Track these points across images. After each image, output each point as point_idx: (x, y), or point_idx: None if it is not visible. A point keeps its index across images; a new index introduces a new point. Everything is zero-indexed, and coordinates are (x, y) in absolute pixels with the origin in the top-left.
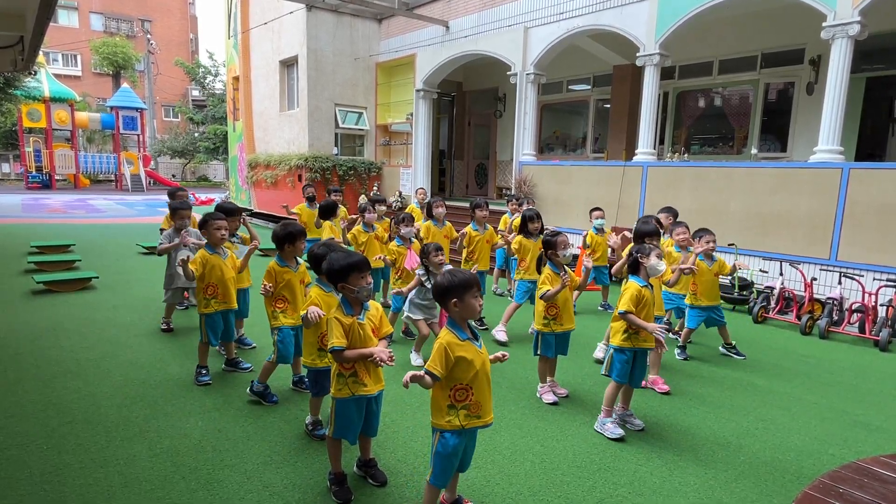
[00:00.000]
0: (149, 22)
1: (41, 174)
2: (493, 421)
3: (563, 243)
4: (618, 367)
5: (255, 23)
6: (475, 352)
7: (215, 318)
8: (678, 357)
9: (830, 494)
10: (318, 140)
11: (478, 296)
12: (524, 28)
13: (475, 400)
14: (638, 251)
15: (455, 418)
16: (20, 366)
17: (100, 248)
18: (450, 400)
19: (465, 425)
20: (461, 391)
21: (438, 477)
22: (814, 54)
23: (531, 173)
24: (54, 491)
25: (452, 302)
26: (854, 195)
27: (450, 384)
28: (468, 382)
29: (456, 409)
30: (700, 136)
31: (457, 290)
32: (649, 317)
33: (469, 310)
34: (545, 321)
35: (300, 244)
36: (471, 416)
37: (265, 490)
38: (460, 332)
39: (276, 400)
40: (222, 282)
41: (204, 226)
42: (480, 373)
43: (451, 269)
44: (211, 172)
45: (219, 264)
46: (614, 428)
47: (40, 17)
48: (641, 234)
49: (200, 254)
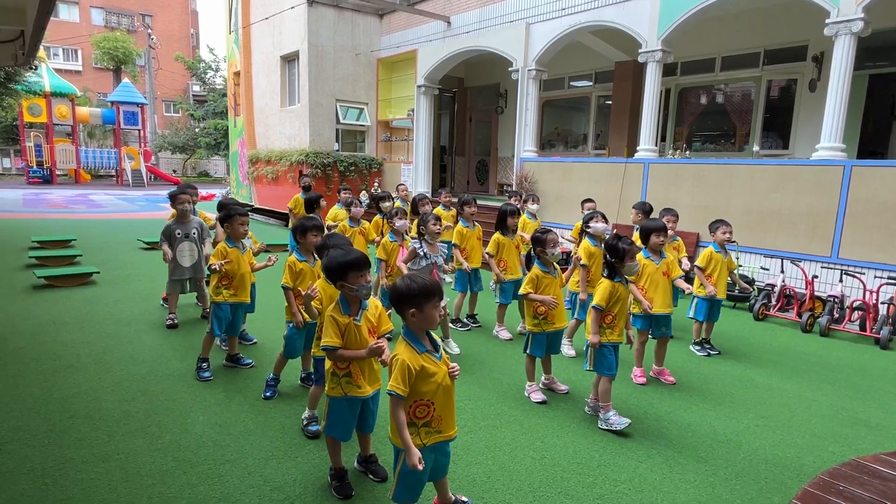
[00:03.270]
0: (149, 17)
1: (42, 169)
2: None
3: (553, 241)
4: (602, 363)
5: (256, 18)
6: (435, 364)
7: (224, 307)
8: (698, 353)
9: (830, 492)
10: (318, 136)
11: (438, 305)
12: (526, 24)
13: (437, 415)
14: (612, 257)
15: (416, 437)
16: (21, 360)
17: (101, 243)
18: (409, 417)
19: (427, 443)
20: (422, 407)
21: (403, 494)
22: (816, 51)
23: (532, 170)
24: (56, 485)
25: (410, 311)
26: (856, 193)
27: (409, 400)
28: (430, 398)
29: (416, 427)
30: (702, 133)
31: (415, 298)
32: (622, 311)
33: (428, 321)
34: (535, 321)
35: (311, 237)
36: (431, 431)
37: (266, 485)
38: (418, 343)
39: (269, 395)
40: (238, 275)
41: (228, 220)
42: (441, 386)
43: (410, 273)
44: (212, 168)
45: (237, 258)
46: (618, 419)
47: (41, 12)
48: (648, 231)
49: (221, 245)
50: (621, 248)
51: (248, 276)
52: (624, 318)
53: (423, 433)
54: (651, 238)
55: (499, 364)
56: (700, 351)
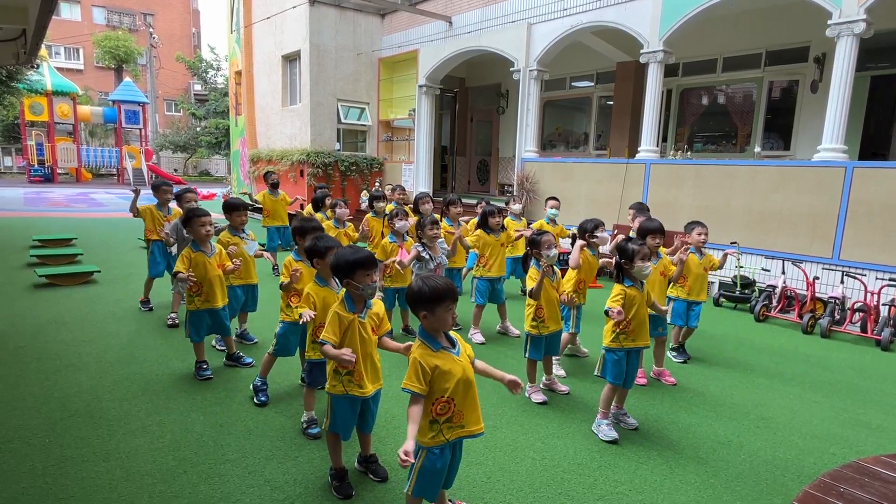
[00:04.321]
0: (151, 16)
1: (43, 168)
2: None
3: (548, 243)
4: (611, 368)
5: (258, 17)
6: (452, 360)
7: (199, 314)
8: (675, 360)
9: (831, 494)
10: (319, 135)
11: (451, 308)
12: (527, 24)
13: (457, 410)
14: (622, 258)
15: (439, 434)
16: (22, 359)
17: (102, 242)
18: (431, 415)
19: (449, 438)
20: (443, 404)
21: (423, 489)
22: (818, 52)
23: (533, 170)
24: (56, 484)
25: (422, 314)
26: (857, 194)
27: (430, 398)
28: (450, 395)
29: (439, 424)
30: (703, 133)
31: (427, 302)
32: (638, 315)
33: (440, 322)
34: (534, 324)
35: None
36: (454, 426)
37: (266, 485)
38: (433, 342)
39: (263, 400)
40: (206, 280)
41: (188, 223)
42: (462, 381)
43: (426, 275)
44: (213, 167)
45: (202, 262)
46: (608, 430)
47: (43, 11)
48: (645, 231)
49: (185, 252)
50: (631, 248)
51: (219, 278)
52: (642, 325)
53: (444, 429)
54: (647, 239)
55: (499, 365)
56: (677, 357)
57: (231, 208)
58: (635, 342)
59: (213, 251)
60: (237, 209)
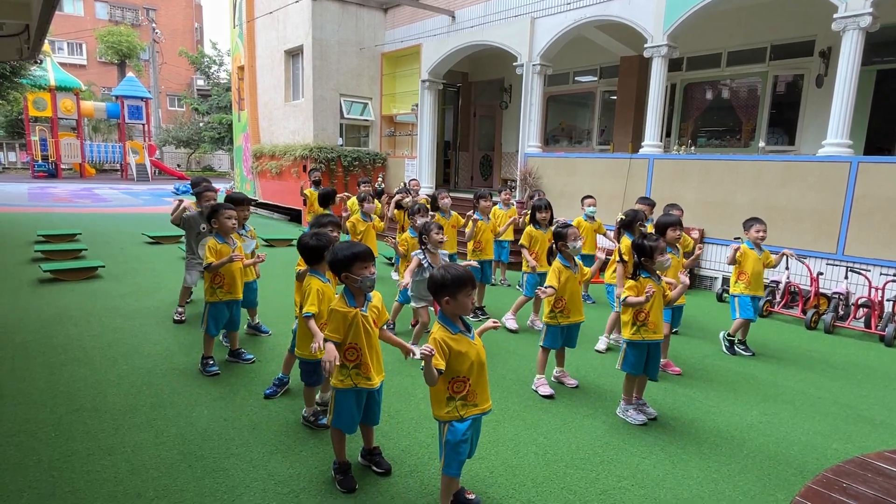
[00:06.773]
0: (153, 11)
1: (47, 163)
2: (492, 408)
3: (574, 235)
4: (631, 361)
5: (261, 12)
6: (468, 343)
7: (220, 307)
8: (745, 354)
9: (834, 489)
10: (322, 130)
11: (471, 294)
12: (531, 18)
13: (472, 389)
14: (641, 256)
15: (454, 409)
16: (27, 354)
17: (106, 238)
18: (448, 392)
19: (464, 415)
20: (459, 383)
21: (451, 466)
22: (824, 46)
23: (536, 165)
24: (62, 477)
25: (445, 299)
26: (862, 189)
27: (447, 377)
28: (465, 374)
29: (454, 401)
30: (707, 128)
31: (450, 287)
32: (655, 307)
33: (461, 307)
34: (552, 314)
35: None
36: (468, 405)
37: (270, 479)
38: (452, 326)
39: (269, 393)
40: (230, 272)
41: (214, 215)
42: (476, 363)
43: (447, 263)
44: (216, 162)
45: (228, 254)
46: (636, 414)
47: (45, 6)
48: (664, 226)
49: (211, 243)
50: (648, 245)
51: (241, 271)
52: (658, 315)
53: (459, 406)
54: (668, 232)
55: (503, 360)
56: (746, 351)
57: (235, 203)
58: (655, 334)
59: (235, 244)
60: (241, 204)
